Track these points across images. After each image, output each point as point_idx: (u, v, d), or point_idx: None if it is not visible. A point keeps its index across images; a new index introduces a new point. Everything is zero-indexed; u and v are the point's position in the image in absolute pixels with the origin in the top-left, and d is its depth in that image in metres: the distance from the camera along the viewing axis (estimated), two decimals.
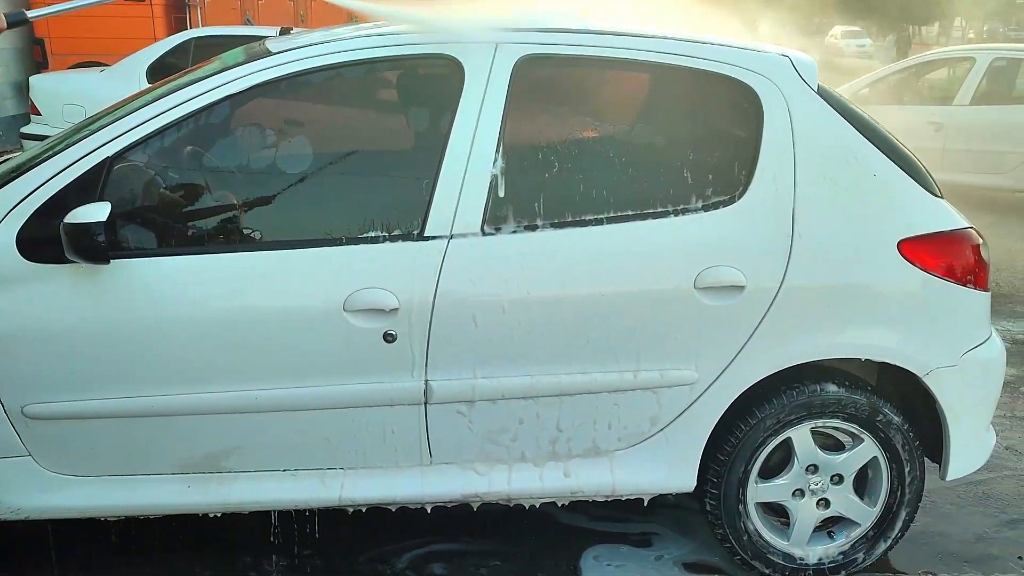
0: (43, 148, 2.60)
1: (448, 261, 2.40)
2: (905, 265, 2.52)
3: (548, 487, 2.60)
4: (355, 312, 2.36)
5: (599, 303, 2.45)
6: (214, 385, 2.40)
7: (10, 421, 2.37)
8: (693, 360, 2.51)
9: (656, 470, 2.60)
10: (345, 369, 2.41)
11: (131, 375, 2.38)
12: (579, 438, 2.56)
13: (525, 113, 2.57)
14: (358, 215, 2.48)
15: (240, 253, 2.44)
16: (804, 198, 2.50)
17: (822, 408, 2.59)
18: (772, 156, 2.52)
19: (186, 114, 2.40)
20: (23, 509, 2.46)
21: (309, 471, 2.52)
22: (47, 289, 2.30)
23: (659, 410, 2.54)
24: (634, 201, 2.55)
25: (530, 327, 2.44)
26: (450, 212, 2.42)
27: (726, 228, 2.49)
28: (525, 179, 2.56)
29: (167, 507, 2.53)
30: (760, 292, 2.47)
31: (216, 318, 2.37)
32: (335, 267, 2.40)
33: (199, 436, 2.47)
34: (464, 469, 2.56)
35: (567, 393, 2.50)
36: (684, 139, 2.71)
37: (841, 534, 2.73)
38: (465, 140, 2.45)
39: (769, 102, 2.54)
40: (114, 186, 2.35)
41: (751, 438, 2.59)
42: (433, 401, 2.45)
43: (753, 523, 2.68)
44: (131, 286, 2.33)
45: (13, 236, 2.29)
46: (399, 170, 2.65)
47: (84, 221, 2.18)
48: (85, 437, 2.44)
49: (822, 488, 2.66)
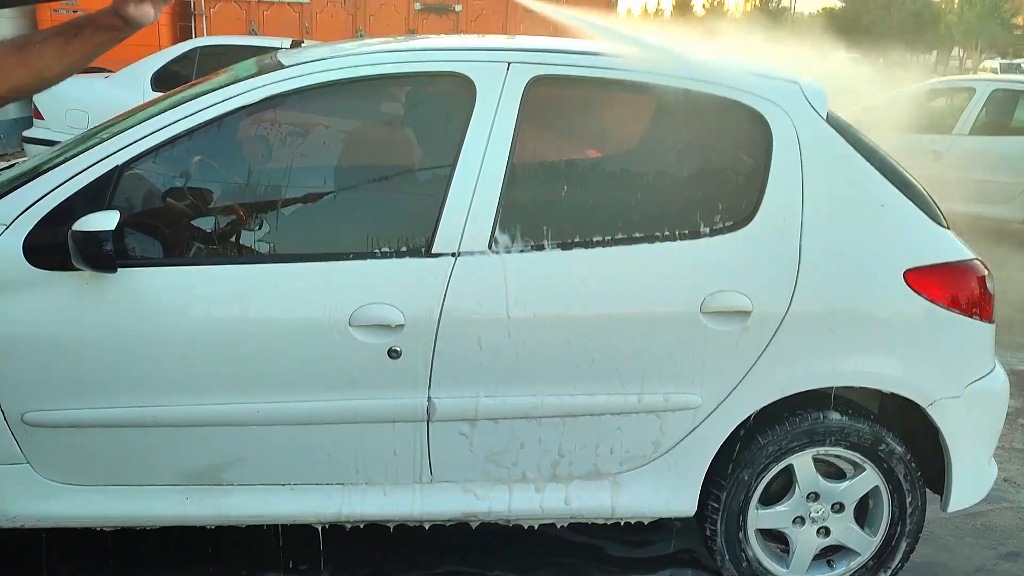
0: (51, 155, 2.59)
1: (455, 278, 2.40)
2: (911, 295, 2.52)
3: (548, 509, 2.58)
4: (360, 327, 2.36)
5: (604, 325, 2.45)
6: (216, 397, 2.39)
7: (9, 428, 2.35)
8: (697, 385, 2.50)
9: (657, 494, 2.59)
10: (348, 384, 2.40)
11: (133, 385, 2.37)
12: (581, 460, 2.55)
13: (535, 133, 2.57)
14: (366, 230, 2.48)
15: (247, 265, 2.44)
16: (811, 225, 2.51)
17: (824, 436, 2.58)
18: (780, 182, 2.53)
19: (197, 125, 2.40)
20: (19, 517, 2.44)
21: (309, 486, 2.51)
22: (52, 296, 2.29)
23: (662, 434, 2.53)
24: (642, 224, 2.55)
25: (535, 347, 2.43)
26: (458, 230, 2.42)
27: (733, 253, 2.50)
28: (533, 199, 2.57)
29: (165, 518, 2.51)
30: (766, 318, 2.47)
31: (221, 330, 2.36)
32: (341, 281, 2.39)
33: (199, 448, 2.45)
34: (464, 488, 2.55)
35: (570, 415, 2.49)
36: (693, 163, 2.71)
37: (841, 563, 2.72)
38: (475, 158, 2.45)
39: (778, 128, 2.55)
40: (123, 195, 2.35)
41: (753, 464, 2.58)
42: (436, 419, 2.44)
43: (753, 550, 2.67)
44: (137, 295, 2.32)
45: (20, 242, 2.28)
46: (408, 186, 2.65)
47: (92, 229, 2.17)
48: (85, 446, 2.42)
49: (823, 516, 2.66)
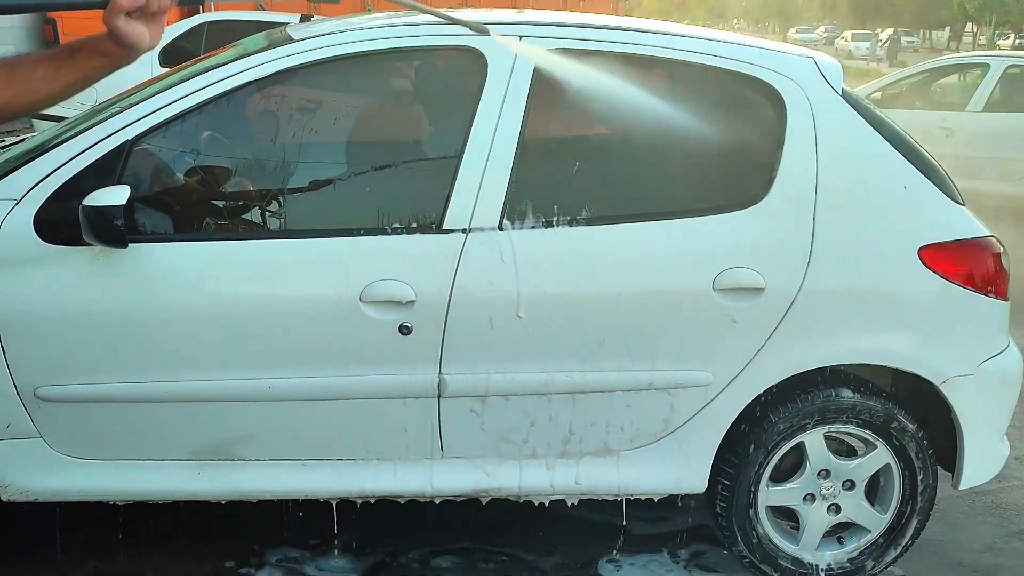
0: (60, 130, 2.58)
1: (465, 255, 2.39)
2: (925, 272, 2.50)
3: (558, 485, 2.58)
4: (371, 303, 2.35)
5: (615, 302, 2.44)
6: (227, 372, 2.39)
7: (23, 402, 2.36)
8: (709, 362, 2.49)
9: (667, 471, 2.59)
10: (360, 360, 2.40)
11: (144, 360, 2.37)
12: (591, 437, 2.54)
13: (547, 108, 2.55)
14: (376, 206, 2.47)
15: (257, 241, 2.43)
16: (825, 201, 2.48)
17: (836, 413, 2.57)
18: (794, 158, 2.50)
19: (207, 99, 2.38)
20: (33, 491, 2.45)
21: (320, 461, 2.51)
22: (63, 271, 2.29)
23: (672, 411, 2.53)
24: (654, 200, 2.54)
25: (545, 324, 2.42)
26: (469, 206, 2.40)
27: (746, 230, 2.48)
28: (545, 175, 2.55)
29: (177, 493, 2.52)
30: (779, 295, 2.45)
31: (231, 305, 2.36)
32: (352, 257, 2.38)
33: (211, 423, 2.46)
34: (475, 464, 2.55)
35: (580, 392, 2.48)
36: (706, 139, 2.67)
37: (851, 540, 2.72)
38: (486, 133, 2.43)
39: (793, 104, 2.52)
40: (133, 170, 2.34)
41: (764, 442, 2.58)
42: (446, 395, 2.44)
43: (763, 527, 2.67)
44: (147, 271, 2.32)
45: (31, 217, 2.27)
46: (419, 162, 2.63)
47: (103, 204, 2.16)
48: (97, 420, 2.43)
49: (833, 493, 2.65)
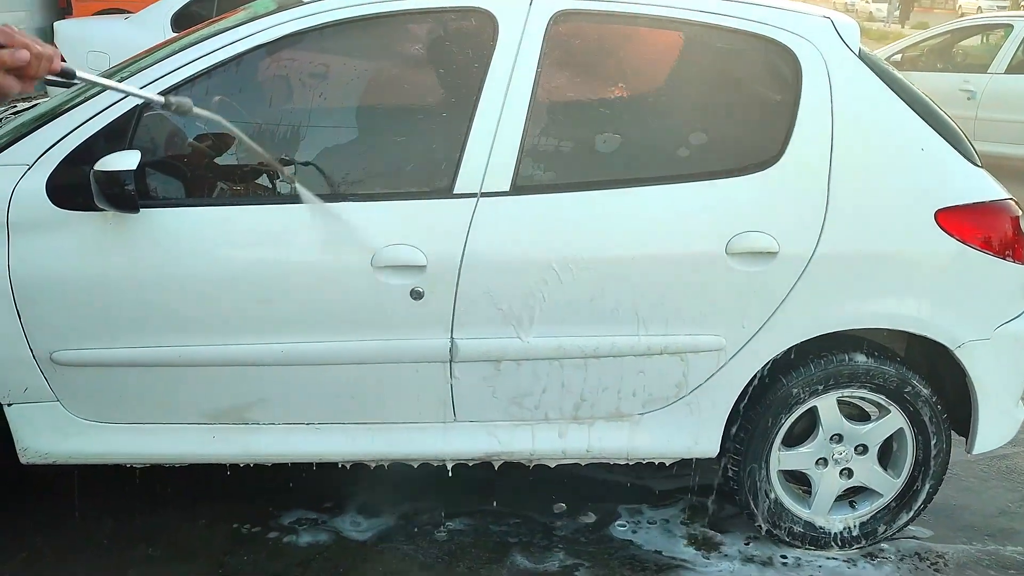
0: (71, 95, 2.58)
1: (477, 219, 2.38)
2: (942, 235, 2.47)
3: (569, 449, 2.59)
4: (383, 268, 2.35)
5: (628, 266, 2.42)
6: (240, 337, 2.40)
7: (39, 367, 2.39)
8: (721, 326, 2.48)
9: (679, 435, 2.59)
10: (372, 325, 2.40)
11: (158, 324, 2.38)
12: (603, 401, 2.55)
13: (559, 70, 2.52)
14: (388, 170, 2.46)
15: (268, 206, 2.43)
16: (841, 164, 2.45)
17: (850, 378, 2.56)
18: (809, 120, 2.47)
19: (216, 63, 2.38)
20: (51, 454, 2.49)
21: (333, 425, 2.53)
22: (76, 236, 2.30)
23: (685, 376, 2.52)
24: (667, 164, 2.51)
25: (557, 288, 2.42)
26: (480, 170, 2.39)
27: (760, 193, 2.45)
28: (557, 138, 2.53)
29: (192, 456, 2.55)
30: (792, 259, 2.43)
31: (243, 270, 2.36)
32: (364, 222, 2.38)
33: (224, 387, 2.48)
34: (487, 428, 2.56)
35: (592, 356, 2.48)
36: (720, 101, 2.65)
37: (863, 504, 2.72)
38: (497, 96, 2.41)
39: (808, 65, 2.48)
40: (144, 135, 2.33)
41: (776, 406, 2.57)
42: (458, 359, 2.44)
43: (775, 491, 2.67)
44: (159, 236, 2.32)
45: (43, 182, 2.28)
46: (429, 125, 2.61)
47: (114, 169, 2.16)
48: (112, 384, 2.45)
49: (846, 458, 2.65)
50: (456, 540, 2.73)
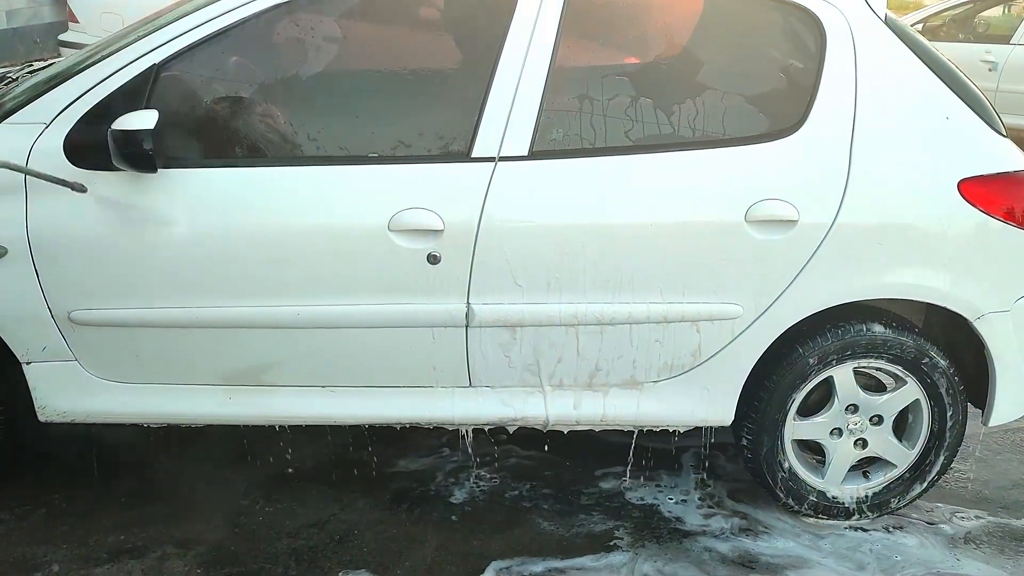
0: (87, 54, 2.56)
1: (495, 184, 2.36)
2: (964, 206, 2.44)
3: (584, 416, 2.60)
4: (400, 232, 2.34)
5: (646, 233, 2.41)
6: (255, 299, 2.40)
7: (57, 326, 2.40)
8: (738, 294, 2.47)
9: (694, 403, 2.59)
10: (388, 288, 2.40)
11: (174, 285, 2.38)
12: (618, 368, 2.54)
13: (579, 34, 2.49)
14: (405, 134, 2.44)
15: (285, 168, 2.42)
16: (863, 132, 2.42)
17: (867, 348, 2.55)
18: (832, 87, 2.43)
19: (233, 22, 2.36)
20: (70, 412, 2.51)
21: (349, 388, 2.54)
22: (93, 196, 2.29)
23: (701, 343, 2.52)
24: (687, 130, 2.49)
25: (575, 254, 2.40)
26: (498, 134, 2.37)
27: (780, 161, 2.42)
28: (576, 103, 2.50)
29: (208, 417, 2.57)
30: (812, 228, 2.41)
31: (259, 232, 2.36)
32: (381, 185, 2.37)
33: (240, 349, 2.48)
34: (502, 393, 2.56)
35: (609, 323, 2.48)
36: (740, 66, 2.62)
37: (877, 475, 2.72)
38: (516, 59, 2.38)
39: (832, 30, 2.45)
40: (161, 94, 2.32)
41: (792, 375, 2.56)
42: (474, 324, 2.44)
43: (789, 460, 2.67)
44: (177, 196, 2.32)
45: (60, 141, 2.27)
46: (448, 89, 2.59)
47: (132, 128, 2.16)
48: (129, 344, 2.46)
49: (860, 428, 2.64)
50: (474, 503, 2.75)
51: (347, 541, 2.56)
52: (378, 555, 2.50)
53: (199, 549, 2.50)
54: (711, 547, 2.60)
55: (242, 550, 2.50)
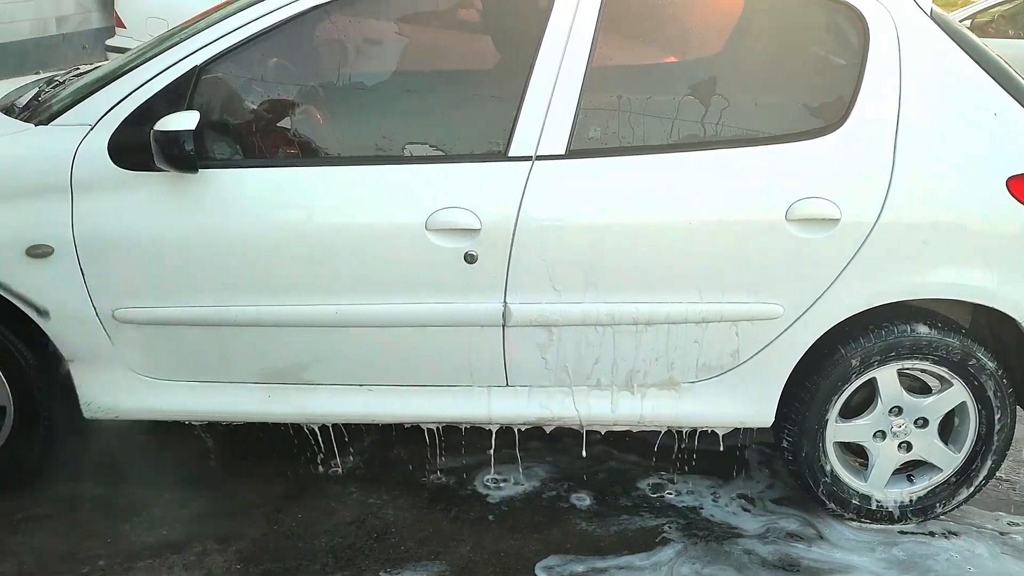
0: (131, 57, 2.61)
1: (532, 183, 2.36)
2: (1013, 203, 2.38)
3: (621, 415, 2.58)
4: (437, 231, 2.35)
5: (684, 232, 2.38)
6: (294, 297, 2.43)
7: (102, 324, 2.44)
8: (779, 294, 2.43)
9: (734, 404, 2.56)
10: (425, 287, 2.41)
11: (214, 284, 2.42)
12: (656, 369, 2.52)
13: (617, 31, 2.48)
14: (443, 133, 2.45)
15: (324, 168, 2.44)
16: (908, 129, 2.38)
17: (911, 349, 2.50)
18: (876, 83, 2.39)
19: (273, 24, 2.38)
20: (113, 409, 2.55)
21: (386, 387, 2.55)
22: (137, 196, 2.34)
23: (741, 344, 2.49)
24: (726, 127, 2.46)
25: (612, 254, 2.39)
26: (535, 133, 2.37)
27: (822, 158, 2.39)
28: (614, 102, 2.49)
29: (248, 414, 2.60)
30: (855, 226, 2.37)
31: (298, 232, 2.38)
32: (419, 185, 2.38)
33: (280, 347, 2.51)
34: (539, 393, 2.56)
35: (646, 323, 2.46)
36: (781, 63, 2.59)
37: (922, 478, 2.66)
38: (554, 59, 2.38)
39: (876, 25, 2.40)
40: (202, 95, 2.35)
41: (834, 376, 2.52)
42: (511, 324, 2.44)
43: (830, 462, 2.62)
44: (216, 196, 2.35)
45: (105, 142, 2.32)
46: (485, 89, 2.59)
47: (173, 129, 2.19)
48: (171, 342, 2.50)
49: (905, 431, 2.59)
50: (511, 503, 2.75)
51: (385, 539, 2.57)
52: (415, 553, 2.51)
53: (239, 545, 2.52)
54: (751, 549, 2.56)
55: (281, 547, 2.53)
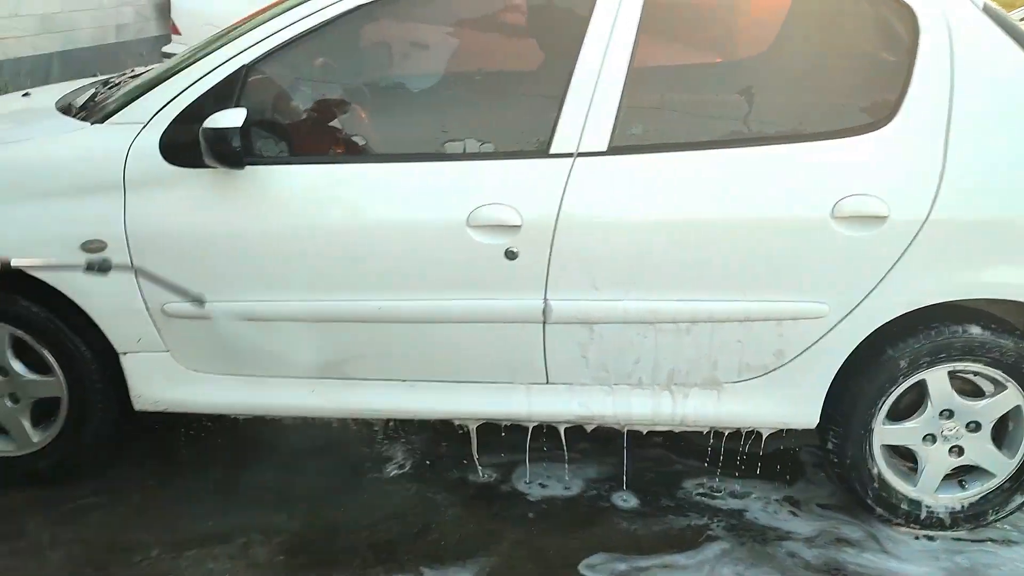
0: (181, 59, 2.67)
1: (573, 179, 2.35)
2: None
3: (662, 415, 2.56)
4: (478, 227, 2.36)
5: (728, 230, 2.36)
6: (338, 293, 2.45)
7: (152, 318, 2.50)
8: (825, 293, 2.39)
9: (778, 405, 2.52)
10: (466, 284, 2.42)
11: (259, 279, 2.46)
12: (698, 368, 2.50)
13: (660, 27, 2.47)
14: (484, 130, 2.46)
15: (368, 164, 2.47)
16: (960, 126, 2.32)
17: (963, 351, 2.44)
18: (927, 79, 2.34)
19: (318, 24, 2.41)
20: (162, 402, 2.61)
21: (428, 383, 2.57)
22: (186, 192, 2.39)
23: (785, 343, 2.45)
24: (772, 124, 2.43)
25: (654, 251, 2.38)
26: (577, 130, 2.36)
27: (870, 155, 2.35)
28: (656, 98, 2.48)
29: (291, 409, 2.64)
30: (903, 224, 2.32)
31: (342, 227, 2.41)
32: (460, 181, 2.39)
33: (324, 342, 2.54)
34: (580, 391, 2.55)
35: (688, 321, 2.44)
36: (828, 58, 2.55)
37: (974, 484, 2.59)
38: (596, 56, 2.37)
39: (927, 20, 2.36)
40: (249, 94, 2.40)
41: (881, 378, 2.47)
42: (552, 321, 2.44)
43: (878, 466, 2.57)
44: (263, 193, 2.39)
45: (156, 140, 2.38)
46: (527, 86, 2.60)
47: (221, 126, 2.24)
48: (217, 336, 2.54)
49: (956, 435, 2.52)
50: (551, 501, 2.74)
51: (425, 535, 2.58)
52: (455, 549, 2.52)
53: (282, 537, 2.56)
54: (795, 552, 2.52)
55: (322, 540, 2.55)
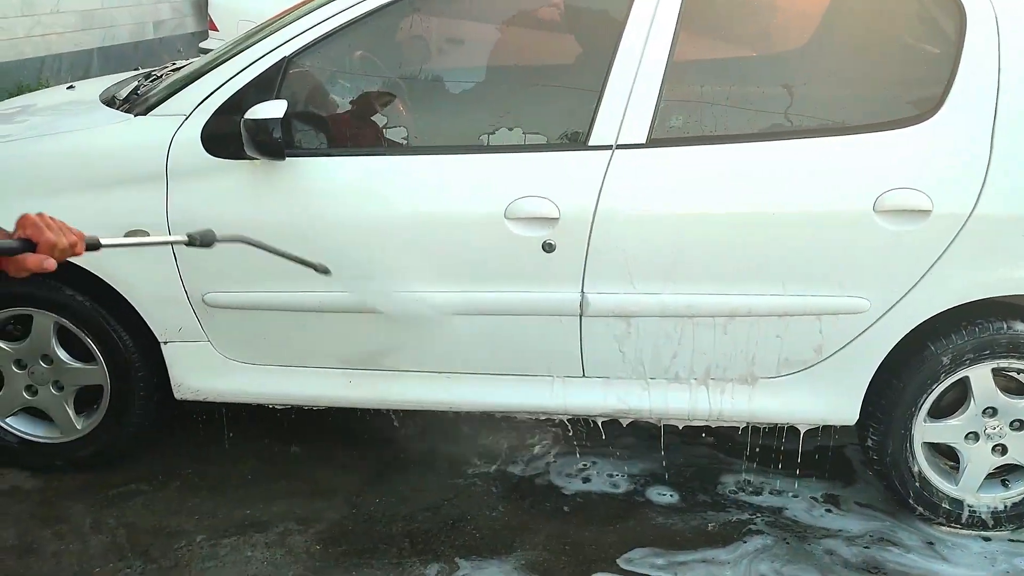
0: (221, 51, 2.70)
1: (612, 172, 2.35)
2: None
3: (699, 410, 2.55)
4: (516, 220, 2.36)
5: (768, 223, 2.34)
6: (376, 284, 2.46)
7: (192, 308, 2.53)
8: (866, 288, 2.37)
9: (816, 400, 2.50)
10: (503, 276, 2.42)
11: (297, 270, 2.47)
12: (736, 363, 2.48)
13: (699, 20, 2.45)
14: (523, 123, 2.46)
15: (405, 157, 2.48)
16: (1007, 119, 2.28)
17: (1007, 348, 2.40)
18: (973, 69, 2.30)
19: (357, 16, 2.42)
20: (202, 391, 2.64)
21: (463, 375, 2.57)
22: (227, 183, 2.41)
23: (825, 338, 2.42)
24: (813, 117, 2.41)
25: (692, 245, 2.36)
26: (616, 122, 2.36)
27: (914, 148, 2.31)
28: (696, 90, 2.46)
29: (329, 399, 2.65)
30: (947, 218, 2.29)
31: (379, 219, 2.42)
32: (498, 174, 2.39)
33: (361, 333, 2.56)
34: (616, 385, 2.54)
35: (727, 316, 2.42)
36: (872, 50, 2.52)
37: (1018, 483, 2.55)
38: (636, 48, 2.36)
39: (974, 11, 2.32)
40: (289, 86, 2.42)
41: (923, 374, 2.44)
42: (589, 314, 2.43)
43: (919, 464, 2.53)
44: (302, 184, 2.41)
45: (198, 131, 2.40)
46: (566, 78, 2.59)
47: (262, 117, 2.26)
48: (256, 327, 2.57)
49: (1000, 433, 2.48)
50: (587, 495, 2.74)
51: (460, 526, 2.59)
52: (490, 541, 2.52)
53: (319, 527, 2.58)
54: (833, 550, 2.50)
55: (359, 530, 2.57)
